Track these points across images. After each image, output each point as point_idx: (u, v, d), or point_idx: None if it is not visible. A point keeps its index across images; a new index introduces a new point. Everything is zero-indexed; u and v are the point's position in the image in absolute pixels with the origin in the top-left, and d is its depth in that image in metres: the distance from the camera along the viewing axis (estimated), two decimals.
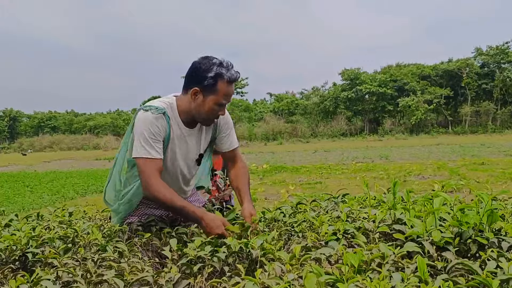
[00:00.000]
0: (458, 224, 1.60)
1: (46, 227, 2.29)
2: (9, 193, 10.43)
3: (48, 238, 1.90)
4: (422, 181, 10.36)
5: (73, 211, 2.59)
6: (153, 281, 1.31)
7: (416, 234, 1.59)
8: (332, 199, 2.57)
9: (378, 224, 1.80)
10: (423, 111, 39.27)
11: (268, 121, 43.92)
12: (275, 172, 13.41)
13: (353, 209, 2.21)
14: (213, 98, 1.94)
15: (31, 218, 2.65)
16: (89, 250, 1.82)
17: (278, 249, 1.58)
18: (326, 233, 1.81)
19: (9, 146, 52.87)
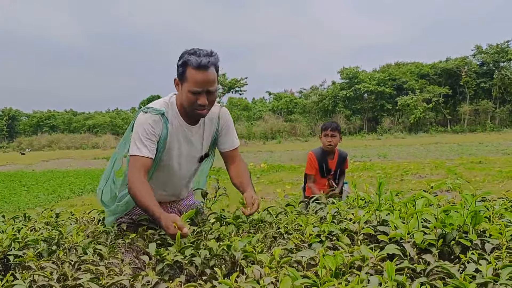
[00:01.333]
0: (441, 225, 1.58)
1: (32, 229, 2.27)
2: (5, 193, 10.40)
3: (32, 240, 1.89)
4: (419, 180, 10.35)
5: (60, 212, 2.57)
6: (129, 285, 1.30)
7: (399, 236, 1.58)
8: (321, 201, 2.55)
9: (363, 226, 1.79)
10: (422, 109, 39.27)
11: (267, 120, 43.90)
12: (273, 171, 13.40)
13: (340, 210, 2.20)
14: (186, 86, 1.96)
15: (18, 219, 2.65)
16: (74, 252, 1.81)
17: (260, 251, 1.56)
18: (311, 234, 1.80)
19: (8, 145, 52.79)
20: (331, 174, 4.34)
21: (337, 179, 4.38)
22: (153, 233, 1.91)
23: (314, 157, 4.33)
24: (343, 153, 4.48)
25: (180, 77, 1.98)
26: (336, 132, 4.25)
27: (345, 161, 4.47)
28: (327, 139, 4.25)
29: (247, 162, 8.87)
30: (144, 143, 1.98)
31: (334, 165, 4.35)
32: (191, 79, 1.93)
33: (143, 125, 1.99)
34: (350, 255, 1.43)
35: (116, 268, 1.45)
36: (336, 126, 4.31)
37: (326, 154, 4.33)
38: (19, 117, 65.61)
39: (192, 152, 2.20)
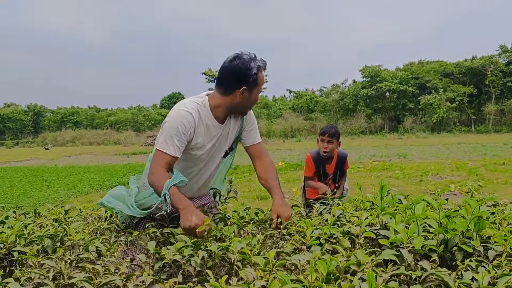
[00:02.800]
0: (443, 231, 1.55)
1: (40, 225, 2.31)
2: (26, 188, 10.64)
3: (37, 236, 1.92)
4: (438, 181, 10.17)
5: (69, 209, 2.61)
6: (122, 285, 1.30)
7: (399, 241, 1.55)
8: (327, 202, 2.53)
9: (365, 229, 1.76)
10: (445, 109, 38.49)
11: (287, 118, 43.73)
12: (290, 170, 13.36)
13: (345, 212, 2.17)
14: (257, 89, 2.18)
15: (29, 215, 2.70)
16: (77, 249, 1.83)
17: (256, 253, 1.55)
18: (312, 237, 1.78)
19: (33, 140, 53.92)
20: (329, 177, 4.25)
21: (337, 182, 4.28)
22: (155, 231, 1.92)
23: (311, 160, 4.24)
24: (343, 154, 4.34)
25: (251, 84, 2.13)
26: (334, 139, 4.10)
27: (345, 162, 4.34)
28: (323, 145, 4.12)
29: None
30: (174, 141, 2.06)
31: (332, 169, 4.25)
32: (261, 81, 2.16)
33: (177, 123, 2.06)
34: (345, 259, 1.41)
35: (113, 266, 1.46)
36: (335, 132, 4.12)
37: (323, 157, 4.22)
38: (44, 113, 66.98)
39: (219, 148, 2.31)
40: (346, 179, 4.46)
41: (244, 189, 9.76)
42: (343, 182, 4.35)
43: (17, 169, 16.90)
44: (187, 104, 2.14)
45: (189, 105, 2.13)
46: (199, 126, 2.13)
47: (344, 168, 4.34)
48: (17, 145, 50.07)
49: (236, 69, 2.09)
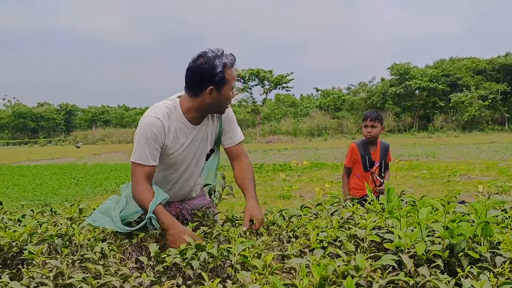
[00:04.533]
0: (448, 236, 1.50)
1: (54, 223, 2.36)
2: (55, 185, 10.94)
3: (48, 235, 1.96)
4: (466, 181, 9.91)
5: (83, 207, 2.66)
6: (119, 286, 1.32)
7: (402, 245, 1.51)
8: (339, 203, 2.49)
9: (371, 232, 1.73)
10: (477, 107, 37.46)
11: (313, 117, 43.45)
12: (315, 169, 13.27)
13: (355, 215, 2.14)
14: (227, 87, 2.05)
15: (46, 213, 2.76)
16: (85, 249, 1.86)
17: (256, 256, 1.54)
18: (316, 239, 1.76)
19: (65, 138, 55.36)
20: (375, 167, 4.15)
21: (383, 173, 4.18)
22: (161, 234, 1.93)
23: (356, 148, 4.17)
24: (385, 144, 4.27)
25: (220, 83, 2.02)
26: (376, 122, 4.06)
27: (387, 152, 4.24)
28: (367, 130, 4.08)
29: (290, 160, 8.80)
30: (146, 151, 2.00)
31: (377, 157, 4.15)
32: (230, 77, 2.04)
33: (146, 131, 2.00)
34: (344, 264, 1.38)
35: (113, 267, 1.48)
36: (377, 116, 4.10)
37: (368, 145, 4.16)
38: (76, 112, 68.74)
39: (199, 151, 2.22)
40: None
41: (267, 188, 9.76)
42: (387, 175, 4.25)
43: (48, 167, 17.40)
44: (157, 109, 2.07)
45: (158, 110, 2.06)
46: (169, 130, 2.06)
47: (387, 160, 4.26)
48: (50, 143, 51.51)
49: (200, 69, 2.00)
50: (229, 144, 2.31)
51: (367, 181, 4.11)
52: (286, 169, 13.45)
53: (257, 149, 25.82)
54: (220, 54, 2.01)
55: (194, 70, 2.02)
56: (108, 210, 2.22)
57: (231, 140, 2.31)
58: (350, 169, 4.25)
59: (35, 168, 16.80)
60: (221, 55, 2.01)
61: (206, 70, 1.99)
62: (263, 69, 40.74)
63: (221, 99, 2.07)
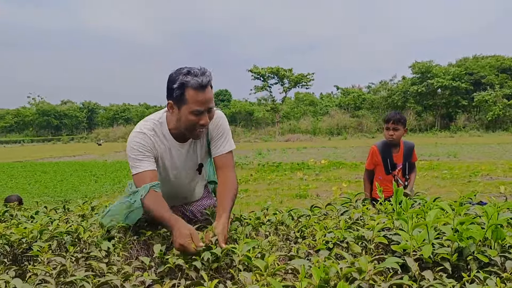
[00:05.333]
0: (456, 239, 1.46)
1: (66, 220, 2.39)
2: (75, 182, 11.13)
3: (57, 232, 1.98)
4: (488, 181, 9.69)
5: (95, 205, 2.69)
6: (119, 285, 1.32)
7: (409, 248, 1.48)
8: (350, 203, 2.46)
9: (379, 234, 1.69)
10: (502, 106, 36.63)
11: (333, 116, 43.15)
12: (333, 168, 13.17)
13: (365, 215, 2.10)
14: (186, 107, 1.91)
15: (59, 210, 2.80)
16: (93, 246, 1.88)
17: (260, 256, 1.53)
18: (325, 240, 1.74)
19: (87, 136, 56.29)
20: (397, 169, 4.02)
21: (406, 175, 4.04)
22: (166, 231, 1.94)
23: (377, 150, 4.05)
24: (409, 144, 4.11)
25: (177, 100, 1.92)
26: (399, 125, 3.90)
27: (412, 153, 4.08)
28: (389, 133, 3.93)
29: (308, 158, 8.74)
30: (140, 160, 1.97)
31: (400, 159, 4.01)
32: (192, 100, 1.89)
33: (132, 145, 1.99)
34: (348, 266, 1.36)
35: (116, 266, 1.48)
36: (399, 118, 3.92)
37: (390, 146, 4.02)
38: (98, 110, 69.84)
39: (187, 166, 2.19)
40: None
41: (284, 187, 9.73)
42: (413, 177, 4.09)
43: (69, 164, 17.71)
44: (142, 125, 2.05)
45: (143, 125, 2.04)
46: (157, 143, 2.04)
47: (412, 160, 4.10)
48: (72, 141, 52.42)
49: (168, 80, 1.95)
50: (214, 154, 2.16)
51: (390, 183, 3.97)
52: (303, 168, 13.39)
53: (276, 147, 25.77)
54: (192, 72, 1.88)
55: (168, 79, 1.97)
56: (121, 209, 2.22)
57: (216, 149, 2.15)
58: (371, 172, 4.14)
59: (56, 165, 17.11)
60: (191, 73, 1.88)
61: (169, 82, 1.94)
62: (283, 67, 40.64)
63: (181, 119, 1.95)
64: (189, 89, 1.87)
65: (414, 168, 4.15)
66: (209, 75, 1.91)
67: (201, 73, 1.88)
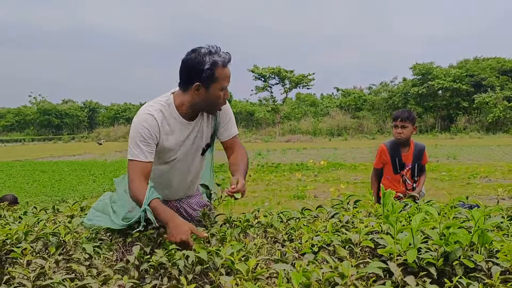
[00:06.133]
0: (442, 243, 1.44)
1: (53, 221, 2.37)
2: (73, 182, 11.11)
3: (43, 233, 1.96)
4: (487, 184, 9.67)
5: (85, 205, 2.67)
6: None
7: (394, 252, 1.45)
8: (341, 205, 2.43)
9: (366, 237, 1.67)
10: (502, 108, 36.59)
11: (333, 116, 43.12)
12: (332, 169, 13.14)
13: (355, 218, 2.08)
14: (216, 85, 2.00)
15: (48, 210, 2.78)
16: (78, 248, 1.86)
17: (243, 259, 1.51)
18: (310, 243, 1.72)
19: (88, 135, 56.30)
20: (406, 169, 3.94)
21: (415, 177, 3.95)
22: (153, 233, 1.92)
23: (385, 149, 3.97)
24: (420, 145, 4.01)
25: (207, 80, 1.97)
26: (407, 123, 3.82)
27: (422, 155, 4.00)
28: (397, 131, 3.85)
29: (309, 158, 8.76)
30: (141, 148, 1.99)
31: (409, 159, 3.92)
32: (221, 76, 1.98)
33: (139, 129, 1.99)
34: (330, 270, 1.34)
35: (96, 269, 1.46)
36: (408, 115, 3.83)
37: (399, 146, 3.93)
38: (99, 109, 69.83)
39: (194, 146, 2.21)
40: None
41: (282, 188, 9.70)
42: (422, 179, 4.01)
43: (69, 163, 17.69)
44: (150, 106, 2.06)
45: (151, 107, 2.05)
46: (163, 126, 2.05)
47: (422, 162, 4.01)
48: (73, 140, 52.43)
49: (189, 64, 1.98)
50: (225, 138, 2.28)
51: (398, 183, 3.95)
52: (302, 169, 13.37)
53: (276, 148, 25.75)
54: (214, 51, 1.96)
55: (184, 65, 2.01)
56: (104, 207, 2.22)
57: (227, 133, 2.28)
58: (379, 171, 4.07)
59: (56, 165, 17.10)
60: (214, 53, 1.96)
61: (194, 65, 1.96)
62: (284, 68, 40.60)
63: (209, 97, 2.02)
64: (219, 67, 1.96)
65: (424, 171, 4.08)
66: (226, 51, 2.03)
67: (221, 50, 1.99)
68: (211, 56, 1.94)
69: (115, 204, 2.23)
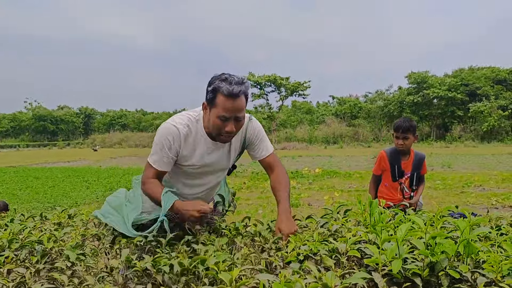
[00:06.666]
0: (427, 253, 1.43)
1: (40, 229, 2.35)
2: (67, 188, 11.04)
3: (28, 241, 1.94)
4: (480, 193, 9.68)
5: (73, 213, 2.65)
6: None
7: (380, 263, 1.44)
8: (330, 215, 2.42)
9: (353, 247, 1.66)
10: (497, 117, 36.78)
11: (329, 124, 43.20)
12: (327, 177, 13.13)
13: (343, 227, 2.07)
14: (214, 111, 2.00)
15: (36, 218, 2.75)
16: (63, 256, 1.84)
17: (227, 269, 1.49)
18: (298, 253, 1.70)
19: (83, 141, 56.13)
20: (405, 177, 3.92)
21: (414, 186, 3.93)
22: (140, 240, 1.90)
23: (385, 156, 3.96)
24: (421, 155, 4.01)
25: (209, 102, 2.02)
26: (408, 134, 3.80)
27: (422, 164, 3.99)
28: (399, 142, 3.84)
29: (304, 166, 8.82)
30: (161, 156, 2.08)
31: (408, 167, 3.91)
32: (220, 105, 1.97)
33: (162, 138, 2.07)
34: (314, 281, 1.32)
35: (78, 278, 1.45)
36: (409, 126, 3.81)
37: (399, 153, 3.93)
38: (94, 115, 69.71)
39: (218, 166, 2.26)
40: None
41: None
42: (420, 189, 4.00)
43: (63, 169, 17.60)
44: (178, 118, 2.11)
45: (179, 119, 2.10)
46: (187, 141, 2.09)
47: (422, 172, 4.01)
48: (68, 146, 52.26)
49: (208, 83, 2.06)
50: (260, 157, 2.33)
51: (395, 191, 3.95)
52: (297, 176, 13.35)
53: None
54: (225, 78, 1.97)
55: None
56: (120, 207, 2.27)
57: (259, 153, 2.32)
58: (378, 177, 4.06)
59: (49, 171, 17.01)
60: (225, 79, 1.97)
61: (208, 84, 2.03)
62: (280, 75, 40.66)
63: (210, 120, 2.04)
64: (220, 94, 1.96)
65: (423, 180, 4.07)
66: (246, 86, 2.00)
67: (236, 82, 1.96)
68: (219, 82, 1.97)
69: (130, 205, 2.27)
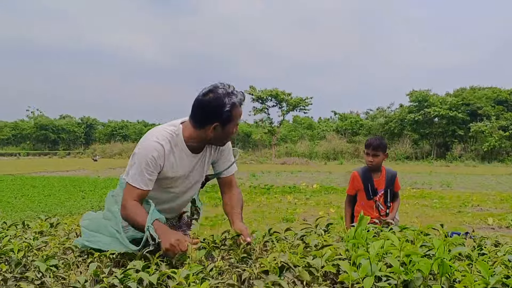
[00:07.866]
0: (401, 271, 1.40)
1: (19, 238, 2.31)
2: (62, 197, 11.01)
3: (4, 250, 1.91)
4: (477, 212, 9.62)
5: (55, 222, 2.62)
6: None
7: (353, 280, 1.42)
8: (312, 230, 2.39)
9: (327, 262, 1.63)
10: (498, 137, 36.74)
11: (330, 140, 43.18)
12: (324, 193, 13.08)
13: (325, 242, 2.04)
14: (232, 124, 2.08)
15: (19, 226, 2.72)
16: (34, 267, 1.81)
17: (199, 282, 1.46)
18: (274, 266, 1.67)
19: (84, 151, 56.14)
20: (379, 195, 3.97)
21: (388, 202, 3.98)
22: (113, 253, 1.87)
23: (358, 176, 4.02)
24: (392, 172, 4.08)
25: (225, 120, 2.04)
26: (378, 151, 3.89)
27: (394, 181, 4.04)
28: (368, 159, 3.93)
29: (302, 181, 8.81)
30: (144, 175, 2.01)
31: (381, 185, 3.97)
32: (237, 115, 2.07)
33: (146, 157, 2.01)
34: None
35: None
36: (379, 144, 3.90)
37: (370, 172, 3.99)
38: (96, 125, 69.75)
39: (196, 178, 2.26)
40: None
41: (271, 210, 9.63)
42: (396, 206, 4.04)
43: (60, 179, 17.55)
44: (159, 133, 2.07)
45: (160, 135, 2.07)
46: (169, 157, 2.07)
47: (395, 189, 4.07)
48: (69, 155, 52.27)
49: (209, 105, 2.01)
50: (224, 174, 2.34)
51: (371, 209, 3.97)
52: (295, 191, 13.31)
53: (271, 170, 25.67)
54: (231, 92, 2.01)
55: (202, 104, 2.04)
56: (99, 226, 2.15)
57: (227, 169, 2.34)
58: (352, 197, 4.12)
59: (47, 180, 16.97)
60: (231, 93, 2.01)
61: (214, 106, 2.01)
62: (282, 90, 40.80)
63: (224, 135, 2.10)
64: (236, 107, 2.03)
65: (398, 197, 4.12)
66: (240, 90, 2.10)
67: (235, 90, 2.05)
68: (230, 98, 2.00)
69: (110, 222, 2.17)
